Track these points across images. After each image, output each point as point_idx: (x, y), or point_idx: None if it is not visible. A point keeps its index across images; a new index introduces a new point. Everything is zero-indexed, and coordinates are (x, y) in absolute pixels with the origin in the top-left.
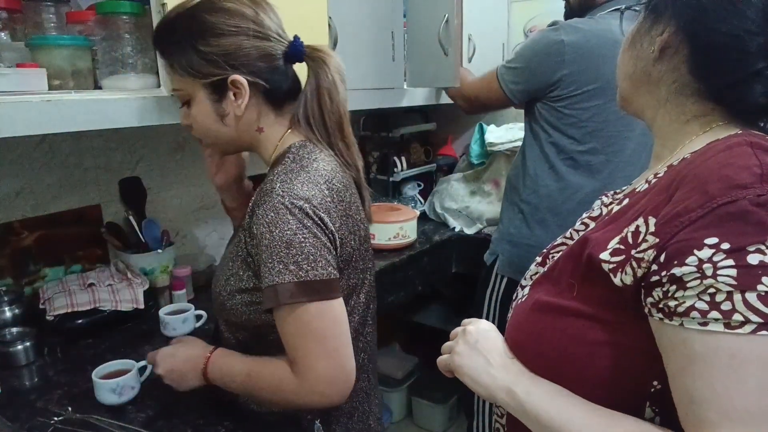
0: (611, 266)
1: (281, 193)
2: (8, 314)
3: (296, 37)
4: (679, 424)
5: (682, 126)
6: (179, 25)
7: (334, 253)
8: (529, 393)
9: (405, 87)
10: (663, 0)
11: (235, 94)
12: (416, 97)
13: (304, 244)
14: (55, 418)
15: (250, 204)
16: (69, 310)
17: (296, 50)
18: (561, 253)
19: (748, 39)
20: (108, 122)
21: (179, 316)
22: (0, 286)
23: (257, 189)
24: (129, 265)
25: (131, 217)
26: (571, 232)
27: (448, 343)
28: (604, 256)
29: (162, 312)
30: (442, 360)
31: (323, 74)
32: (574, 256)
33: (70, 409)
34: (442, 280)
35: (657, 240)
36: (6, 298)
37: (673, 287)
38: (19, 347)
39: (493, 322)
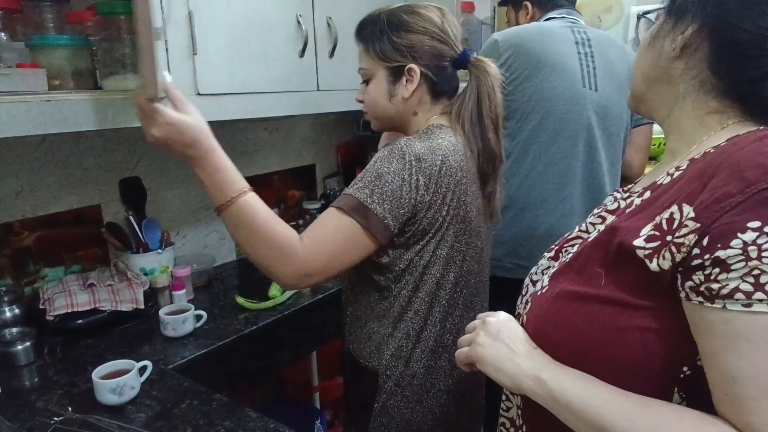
0: (647, 252)
1: (402, 144)
2: (8, 314)
3: (466, 49)
4: (707, 410)
5: (700, 121)
6: (383, 19)
7: (404, 210)
8: (559, 380)
9: None
10: (686, 0)
11: (407, 80)
12: None
13: (387, 185)
14: (55, 418)
15: None
16: (69, 310)
17: (463, 58)
18: (582, 243)
19: None
20: (108, 122)
21: (179, 316)
22: (0, 286)
23: None
24: (129, 265)
25: (131, 217)
26: (586, 225)
27: (466, 336)
28: (638, 242)
29: (162, 312)
30: (461, 353)
31: (484, 80)
32: (601, 244)
33: (70, 409)
34: None
35: (698, 225)
36: (6, 298)
37: (716, 270)
38: (19, 347)
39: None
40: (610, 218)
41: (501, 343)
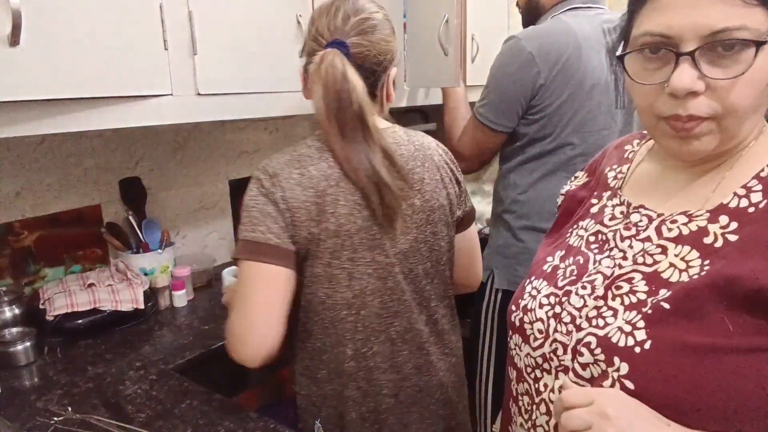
0: None
1: (260, 166)
2: (8, 314)
3: (330, 42)
4: None
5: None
6: None
7: (283, 224)
8: None
9: (405, 87)
10: None
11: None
12: (416, 97)
13: (253, 209)
14: (55, 418)
15: None
16: (69, 310)
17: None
18: (653, 280)
19: None
20: (108, 122)
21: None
22: (0, 286)
23: None
24: (129, 265)
25: (131, 217)
26: (643, 255)
27: None
28: None
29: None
30: None
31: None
32: (719, 289)
33: (70, 409)
34: None
35: None
36: (6, 298)
37: None
38: (19, 347)
39: (490, 336)
40: (682, 249)
41: None
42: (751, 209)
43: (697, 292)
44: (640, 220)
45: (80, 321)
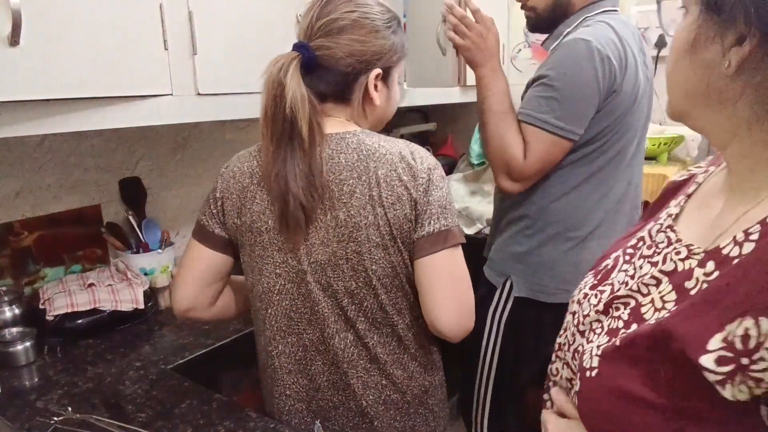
0: (718, 378)
1: None
2: (8, 314)
3: (294, 45)
4: None
5: None
6: None
7: (215, 210)
8: None
9: (405, 87)
10: (731, 1)
11: None
12: (416, 97)
13: (209, 193)
14: (55, 418)
15: None
16: (69, 310)
17: None
18: (633, 316)
19: None
20: (108, 122)
21: None
22: (0, 286)
23: None
24: (129, 265)
25: (131, 217)
26: (638, 284)
27: None
28: (707, 362)
29: None
30: None
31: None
32: (656, 341)
33: (70, 409)
34: None
35: None
36: (6, 298)
37: None
38: (19, 347)
39: (495, 340)
40: (667, 287)
41: None
42: (737, 260)
43: (641, 338)
44: (662, 242)
45: (80, 321)
